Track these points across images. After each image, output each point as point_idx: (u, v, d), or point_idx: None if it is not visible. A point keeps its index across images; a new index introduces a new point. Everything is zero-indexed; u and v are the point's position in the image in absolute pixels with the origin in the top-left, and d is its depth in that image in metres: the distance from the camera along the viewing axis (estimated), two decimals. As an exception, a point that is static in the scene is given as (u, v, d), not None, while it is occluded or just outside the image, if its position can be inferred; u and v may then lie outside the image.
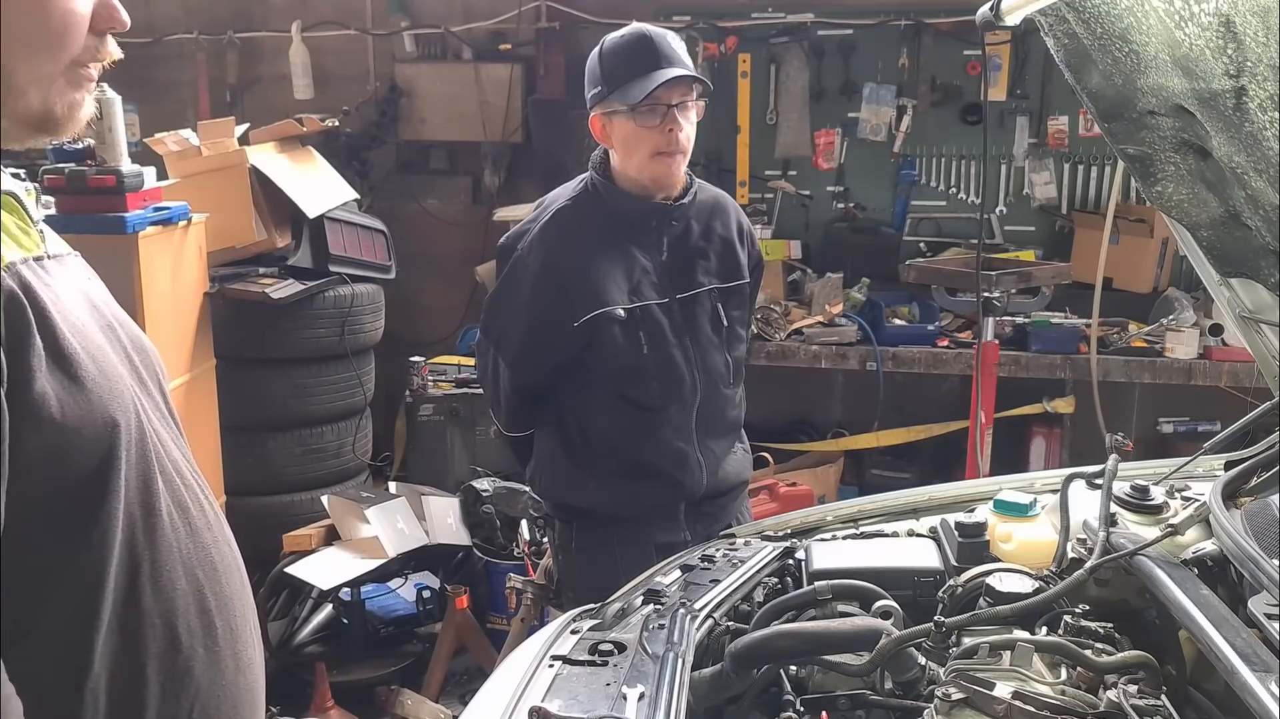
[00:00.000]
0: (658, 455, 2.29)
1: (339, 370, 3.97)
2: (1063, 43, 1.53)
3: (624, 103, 2.16)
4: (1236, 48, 1.15)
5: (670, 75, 2.14)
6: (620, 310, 2.22)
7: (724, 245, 2.35)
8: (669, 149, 2.19)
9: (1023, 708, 1.19)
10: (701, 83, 2.22)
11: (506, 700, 1.26)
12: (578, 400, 2.32)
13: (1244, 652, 1.17)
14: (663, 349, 2.26)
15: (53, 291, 1.01)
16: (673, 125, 2.18)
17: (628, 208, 2.27)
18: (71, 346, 0.99)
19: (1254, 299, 1.77)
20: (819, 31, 4.48)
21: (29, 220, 1.07)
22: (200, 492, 1.17)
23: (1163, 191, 1.62)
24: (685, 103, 2.19)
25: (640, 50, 2.17)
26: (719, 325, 2.34)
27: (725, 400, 2.37)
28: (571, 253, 2.24)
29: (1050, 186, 4.51)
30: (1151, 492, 1.65)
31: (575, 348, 2.26)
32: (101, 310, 1.14)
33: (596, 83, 2.22)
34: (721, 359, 2.35)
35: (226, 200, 3.66)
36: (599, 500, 2.32)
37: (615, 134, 2.22)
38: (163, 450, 1.11)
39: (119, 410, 1.03)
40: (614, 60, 2.19)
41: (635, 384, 2.26)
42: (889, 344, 4.11)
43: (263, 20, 5.00)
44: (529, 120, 4.78)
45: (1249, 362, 3.50)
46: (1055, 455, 4.31)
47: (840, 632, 1.44)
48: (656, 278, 2.27)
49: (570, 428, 2.34)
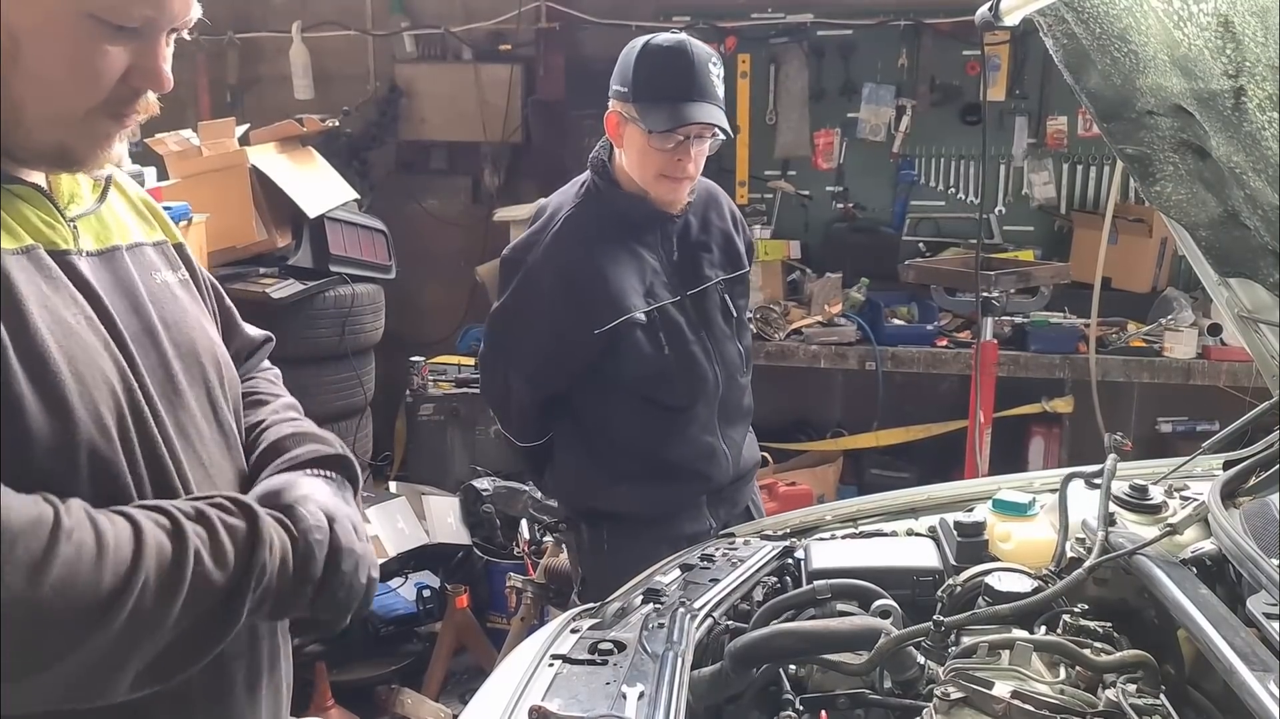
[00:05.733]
0: (686, 453, 2.29)
1: (339, 370, 3.97)
2: (1062, 43, 1.53)
3: (644, 124, 2.12)
4: (1235, 48, 1.16)
5: (697, 119, 2.11)
6: (641, 315, 2.20)
7: (723, 236, 2.36)
8: (676, 175, 2.18)
9: (1022, 707, 1.19)
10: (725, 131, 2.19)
11: (506, 699, 1.26)
12: (599, 406, 2.30)
13: (1243, 651, 1.17)
14: (683, 348, 2.26)
15: (53, 283, 0.98)
16: (684, 156, 2.16)
17: (631, 209, 2.25)
18: (43, 346, 0.94)
19: (1252, 299, 1.77)
20: (818, 32, 4.48)
21: (56, 214, 1.04)
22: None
23: (1161, 191, 1.62)
24: (703, 135, 2.16)
25: (678, 73, 2.12)
26: (729, 316, 2.35)
27: (741, 389, 2.40)
28: (587, 262, 2.20)
29: (1049, 186, 4.51)
30: (1150, 491, 1.65)
31: (595, 355, 2.23)
32: (145, 312, 1.10)
33: (625, 83, 2.16)
34: (735, 349, 2.37)
35: (227, 200, 3.66)
36: (631, 503, 2.30)
37: (627, 139, 2.19)
38: (166, 464, 1.05)
39: (81, 420, 0.96)
40: (649, 71, 2.13)
41: (660, 385, 2.26)
42: (888, 344, 4.11)
43: (263, 20, 5.00)
44: (529, 121, 4.78)
45: (1247, 361, 3.49)
46: (1054, 455, 4.31)
47: (839, 631, 1.44)
48: (666, 277, 2.27)
49: (593, 433, 2.32)
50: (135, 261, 1.13)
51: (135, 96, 1.03)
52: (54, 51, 0.96)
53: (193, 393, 1.13)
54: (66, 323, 0.98)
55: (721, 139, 2.20)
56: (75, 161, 1.03)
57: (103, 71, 0.98)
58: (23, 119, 0.97)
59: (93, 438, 0.98)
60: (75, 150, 1.01)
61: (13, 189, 1.01)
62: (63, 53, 0.96)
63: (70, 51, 0.96)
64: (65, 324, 0.98)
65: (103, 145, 1.03)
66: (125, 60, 1.00)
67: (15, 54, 0.94)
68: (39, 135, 0.99)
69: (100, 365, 1.00)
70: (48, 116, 0.98)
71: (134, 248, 1.14)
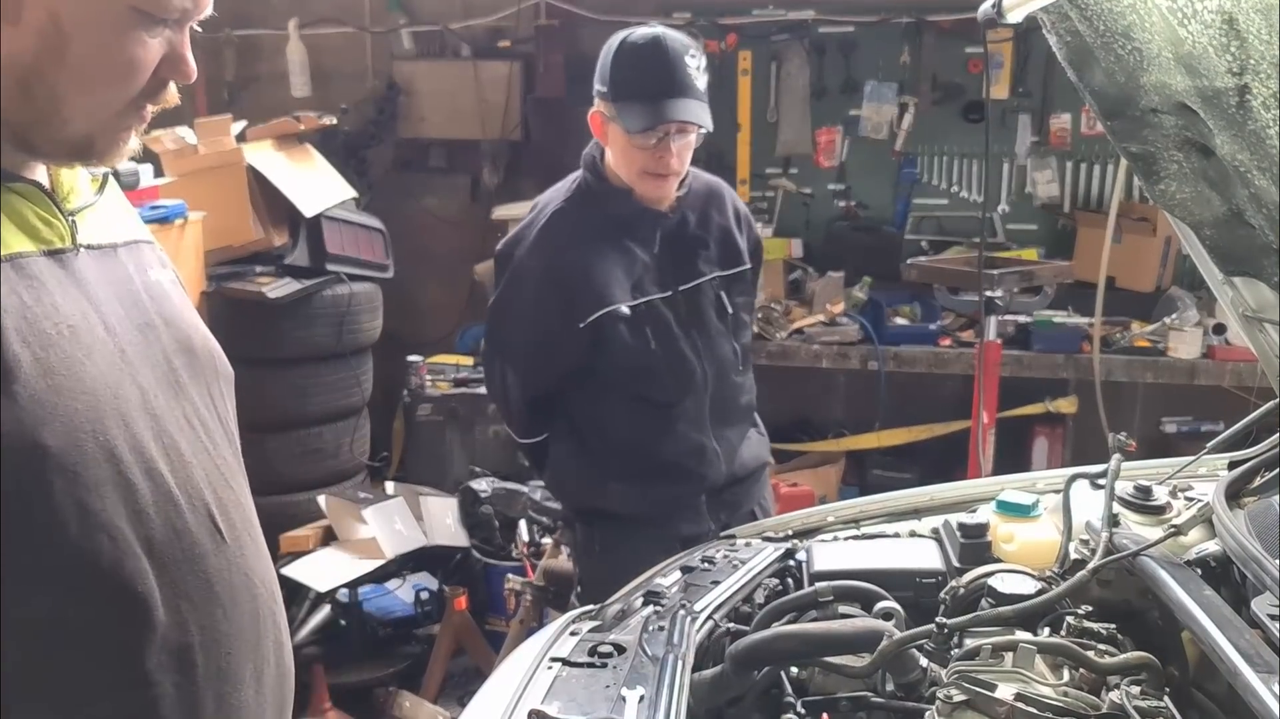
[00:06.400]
0: (676, 451, 2.29)
1: (336, 370, 3.96)
2: (1065, 40, 1.52)
3: (623, 123, 2.13)
4: (1240, 45, 1.15)
5: (674, 117, 2.10)
6: (625, 308, 2.21)
7: (722, 233, 2.35)
8: (658, 171, 2.18)
9: (1025, 709, 1.18)
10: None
11: (505, 702, 1.25)
12: (591, 403, 2.32)
13: (1247, 653, 1.17)
14: (670, 343, 2.26)
15: (35, 292, 0.97)
16: (664, 152, 2.15)
17: (621, 206, 2.25)
18: (12, 359, 0.91)
19: (1257, 298, 1.76)
20: (820, 29, 4.47)
21: (54, 210, 1.04)
22: (217, 514, 1.08)
23: (1166, 190, 1.61)
24: (685, 130, 2.15)
25: (654, 71, 2.11)
26: (724, 313, 2.34)
27: (736, 388, 2.38)
28: (571, 255, 2.22)
29: (1053, 185, 4.50)
30: (1154, 492, 1.64)
31: (582, 351, 2.24)
32: (144, 308, 1.10)
33: (604, 81, 2.16)
34: (729, 347, 2.35)
35: (224, 199, 3.66)
36: (621, 502, 2.31)
37: (610, 138, 2.20)
38: (159, 467, 1.03)
39: (53, 434, 0.93)
40: (626, 70, 2.13)
41: (647, 381, 2.26)
42: (890, 343, 4.10)
43: (261, 18, 4.99)
44: (528, 118, 4.77)
45: (1252, 361, 3.49)
46: (1058, 455, 4.31)
47: (841, 633, 1.43)
48: (657, 272, 2.26)
49: (586, 431, 2.33)
50: (132, 258, 1.13)
51: (163, 88, 1.05)
52: (101, 45, 0.98)
53: (194, 386, 1.13)
54: (46, 334, 0.96)
55: (705, 132, 2.19)
56: (98, 154, 1.04)
57: (142, 63, 1.00)
58: (61, 111, 0.99)
59: (73, 448, 0.95)
60: (100, 142, 1.03)
61: (12, 187, 1.01)
62: (108, 46, 0.98)
63: (115, 44, 0.98)
64: (44, 336, 0.96)
65: (125, 138, 1.05)
66: (159, 52, 1.02)
67: (64, 49, 0.96)
68: (73, 128, 1.00)
69: (85, 372, 0.98)
70: (86, 109, 1.00)
71: (130, 245, 1.15)
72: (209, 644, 1.06)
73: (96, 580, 0.97)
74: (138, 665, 1.00)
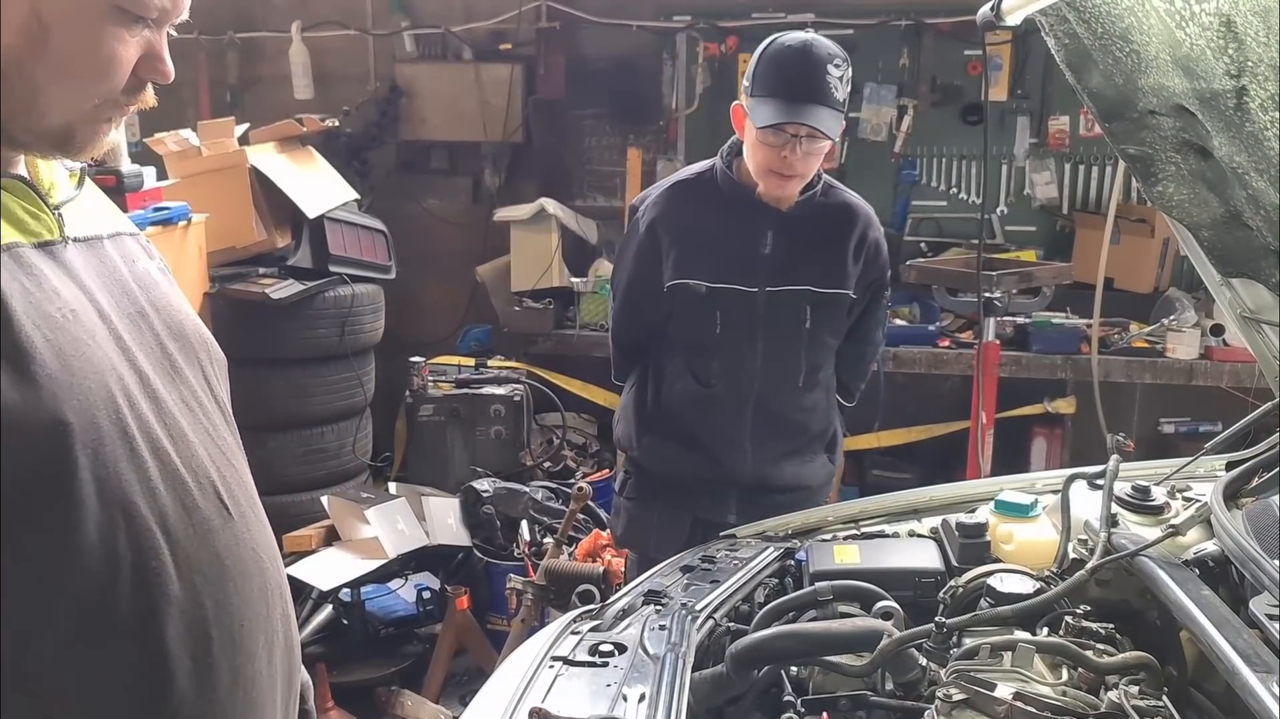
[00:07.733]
0: (707, 432, 2.37)
1: (339, 370, 3.96)
2: (1063, 43, 1.53)
3: (752, 118, 2.18)
4: (1237, 48, 1.15)
5: (797, 119, 2.13)
6: (702, 287, 2.30)
7: (834, 253, 2.34)
8: (781, 171, 2.21)
9: (1024, 709, 1.19)
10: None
11: (507, 701, 1.26)
12: (657, 362, 2.44)
13: (1245, 652, 1.17)
14: (733, 334, 2.31)
15: (35, 279, 0.98)
16: (789, 153, 2.17)
17: (737, 195, 2.31)
18: (26, 341, 0.94)
19: (1255, 299, 1.77)
20: (819, 32, 4.46)
21: (40, 204, 1.05)
22: (223, 491, 1.11)
23: (1164, 192, 1.62)
24: (814, 136, 2.17)
25: (793, 73, 2.16)
26: (800, 327, 2.33)
27: (790, 400, 2.38)
28: (677, 221, 2.34)
29: (1051, 187, 4.51)
30: (1153, 492, 1.65)
31: (662, 310, 2.36)
32: (135, 296, 1.11)
33: (750, 77, 2.24)
34: (795, 361, 2.35)
35: (226, 200, 3.66)
36: (647, 456, 2.44)
37: (745, 131, 2.25)
38: (166, 446, 1.05)
39: (73, 411, 0.96)
40: (769, 68, 2.19)
41: (700, 359, 2.35)
42: (890, 344, 4.09)
43: (263, 20, 5.00)
44: (529, 120, 4.77)
45: (1250, 362, 3.49)
46: (1056, 456, 4.31)
47: (841, 633, 1.43)
48: (754, 265, 2.30)
49: (647, 385, 2.46)
50: (118, 249, 1.15)
51: (141, 87, 1.06)
52: (81, 39, 0.99)
53: (189, 370, 1.15)
54: (52, 318, 0.98)
55: (833, 143, 2.25)
56: (77, 146, 1.05)
57: (122, 60, 1.02)
58: (38, 103, 1.00)
59: (90, 425, 0.97)
60: (79, 134, 1.03)
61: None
62: (89, 40, 0.99)
63: (96, 39, 1.00)
64: (51, 319, 0.98)
65: (103, 132, 1.06)
66: (138, 51, 1.03)
67: (44, 40, 0.98)
68: (50, 120, 1.01)
69: (97, 357, 1.01)
70: (64, 101, 1.01)
71: (114, 237, 1.16)
72: (222, 617, 1.08)
73: (117, 554, 0.98)
74: (159, 639, 1.02)
